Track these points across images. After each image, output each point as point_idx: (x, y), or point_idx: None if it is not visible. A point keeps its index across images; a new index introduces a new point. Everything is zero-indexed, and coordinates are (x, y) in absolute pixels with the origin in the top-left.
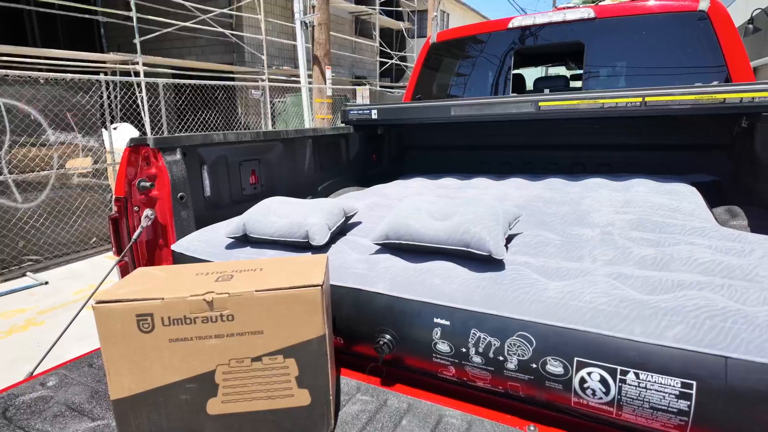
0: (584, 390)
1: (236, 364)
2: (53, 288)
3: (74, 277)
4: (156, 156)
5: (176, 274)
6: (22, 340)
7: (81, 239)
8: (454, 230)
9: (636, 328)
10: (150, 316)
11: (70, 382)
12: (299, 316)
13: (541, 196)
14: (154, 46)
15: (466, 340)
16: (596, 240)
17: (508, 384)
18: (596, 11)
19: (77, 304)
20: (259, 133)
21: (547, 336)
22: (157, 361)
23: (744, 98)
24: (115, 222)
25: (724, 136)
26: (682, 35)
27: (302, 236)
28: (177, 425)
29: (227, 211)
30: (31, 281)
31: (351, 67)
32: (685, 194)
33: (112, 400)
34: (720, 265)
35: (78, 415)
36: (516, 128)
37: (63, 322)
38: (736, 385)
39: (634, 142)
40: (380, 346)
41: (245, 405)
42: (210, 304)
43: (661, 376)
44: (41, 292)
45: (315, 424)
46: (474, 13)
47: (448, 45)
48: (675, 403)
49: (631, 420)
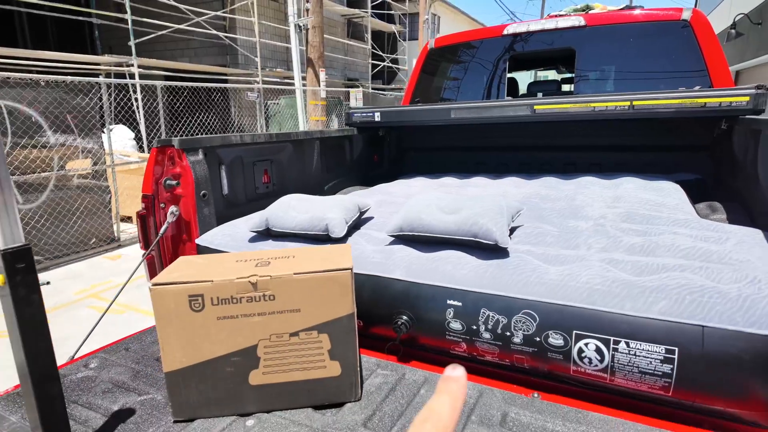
0: (582, 359)
1: (276, 338)
2: (54, 288)
3: (75, 278)
4: (180, 156)
5: (218, 260)
6: None
7: (81, 240)
8: (463, 222)
9: (626, 304)
10: (201, 297)
11: (112, 363)
12: (332, 296)
13: (538, 193)
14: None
15: (477, 318)
16: (590, 231)
17: (514, 357)
18: (586, 19)
19: (79, 303)
20: (272, 135)
21: (549, 313)
22: (206, 337)
23: (722, 102)
24: (143, 218)
25: (706, 137)
26: (667, 43)
27: (322, 230)
28: (222, 395)
29: (243, 208)
30: None
31: (343, 69)
32: (670, 191)
33: (165, 372)
34: (699, 250)
35: (125, 390)
36: (511, 130)
37: (66, 321)
38: (711, 349)
39: (623, 143)
40: (398, 326)
41: (283, 376)
42: (254, 286)
43: (648, 344)
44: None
45: (344, 393)
46: (464, 16)
47: (445, 50)
48: (660, 367)
49: (622, 384)
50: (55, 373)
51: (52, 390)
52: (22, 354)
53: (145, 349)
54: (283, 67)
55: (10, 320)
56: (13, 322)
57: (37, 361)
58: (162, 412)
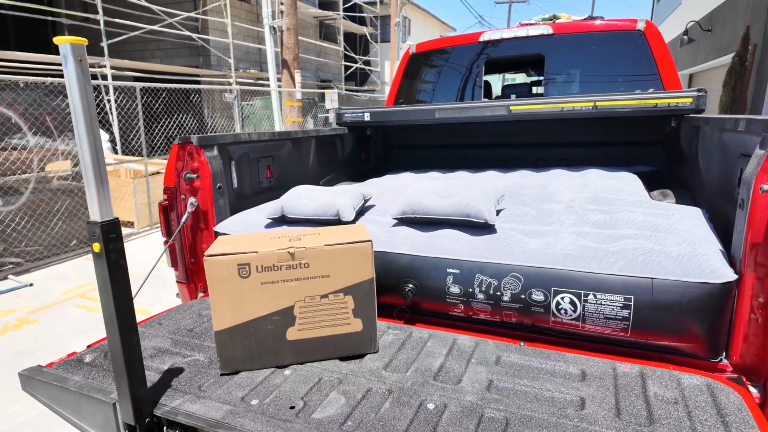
0: (559, 311)
1: (310, 300)
2: (39, 289)
3: (58, 279)
4: (198, 152)
5: (257, 237)
6: (20, 337)
7: (61, 242)
8: (457, 205)
9: (593, 265)
10: (248, 265)
11: (150, 335)
12: (356, 264)
13: (516, 183)
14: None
15: (473, 282)
16: (562, 211)
17: (503, 313)
18: (554, 28)
19: (67, 303)
20: (274, 134)
21: (532, 274)
22: (251, 300)
23: (670, 103)
24: (165, 209)
25: (660, 134)
26: (624, 50)
27: (333, 214)
28: (263, 349)
29: (250, 200)
30: (15, 283)
31: (316, 70)
32: (628, 179)
33: (215, 331)
34: (650, 224)
35: (170, 354)
36: (489, 129)
37: (56, 320)
38: (658, 297)
39: (588, 140)
40: (406, 293)
41: (315, 332)
42: (293, 255)
43: (610, 295)
44: (27, 294)
45: (365, 346)
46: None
47: (426, 55)
48: (620, 312)
49: (591, 330)
50: (134, 326)
51: (132, 339)
52: (112, 308)
53: (177, 323)
54: (257, 68)
55: (102, 281)
56: (105, 283)
57: (122, 314)
58: (208, 369)
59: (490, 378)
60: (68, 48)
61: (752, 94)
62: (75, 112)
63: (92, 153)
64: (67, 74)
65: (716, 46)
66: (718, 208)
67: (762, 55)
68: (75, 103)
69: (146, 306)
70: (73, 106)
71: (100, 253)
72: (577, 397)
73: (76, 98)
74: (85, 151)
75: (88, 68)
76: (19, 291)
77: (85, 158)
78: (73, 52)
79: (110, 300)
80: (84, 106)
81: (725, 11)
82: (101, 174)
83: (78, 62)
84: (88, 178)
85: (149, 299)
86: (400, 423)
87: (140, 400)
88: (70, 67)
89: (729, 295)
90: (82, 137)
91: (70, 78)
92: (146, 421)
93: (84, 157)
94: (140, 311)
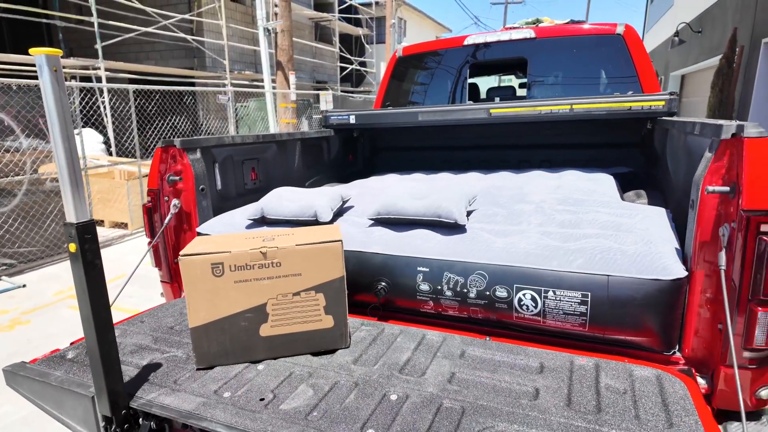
0: (521, 306)
1: (282, 297)
2: (31, 290)
3: (51, 280)
4: (182, 155)
5: (231, 238)
6: (13, 338)
7: (54, 243)
8: (429, 206)
9: (553, 262)
10: (221, 264)
11: (132, 332)
12: (327, 263)
13: (494, 185)
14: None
15: (441, 280)
16: (531, 211)
17: (470, 309)
18: (536, 32)
19: (59, 304)
20: (258, 136)
21: (496, 272)
22: (225, 298)
23: (644, 106)
24: (149, 210)
25: (637, 136)
26: (604, 53)
27: (311, 215)
28: (237, 345)
29: (233, 202)
30: (8, 284)
31: (312, 72)
32: (603, 180)
33: (190, 327)
34: (613, 224)
35: (149, 350)
36: (473, 131)
37: (48, 321)
38: (614, 293)
39: (569, 142)
40: (378, 290)
41: (287, 328)
42: (265, 255)
43: (569, 291)
44: (20, 295)
45: (336, 341)
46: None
47: (412, 58)
48: (578, 308)
49: (552, 325)
50: (110, 323)
51: (108, 336)
52: (88, 306)
53: (158, 321)
54: (251, 69)
55: (79, 279)
56: (81, 281)
57: (98, 312)
58: (185, 364)
59: (453, 371)
60: (43, 59)
61: (739, 95)
62: (51, 119)
63: (67, 157)
64: (42, 83)
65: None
66: (682, 208)
67: (749, 56)
68: (50, 110)
69: (136, 306)
70: (49, 113)
71: (76, 254)
72: (533, 388)
73: (52, 106)
74: (61, 156)
75: (63, 77)
76: (12, 292)
77: (60, 162)
78: (48, 62)
79: (86, 298)
80: (59, 114)
81: (715, 13)
82: (76, 177)
83: (53, 72)
84: (64, 181)
85: (139, 299)
86: (362, 412)
87: (117, 393)
88: (45, 77)
89: (680, 291)
90: (57, 143)
91: (46, 87)
92: (122, 413)
93: (60, 161)
94: (129, 311)
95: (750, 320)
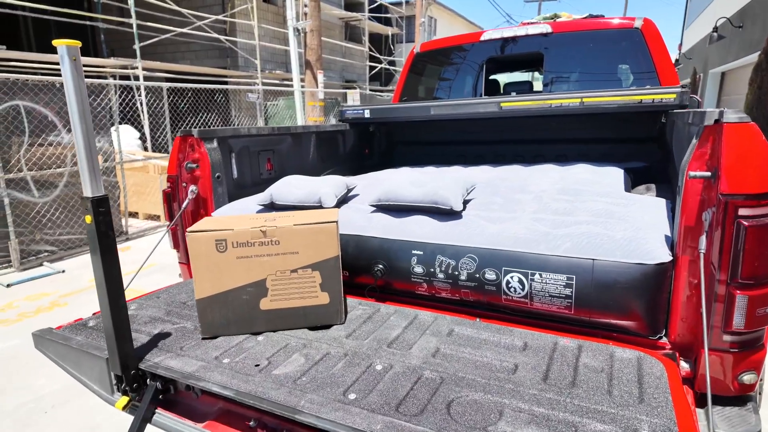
0: (509, 289)
1: (280, 273)
2: (70, 276)
3: (88, 267)
4: (199, 144)
5: (236, 218)
6: (51, 317)
7: None
8: (427, 193)
9: (541, 246)
10: (224, 241)
11: (148, 306)
12: (323, 242)
13: (499, 176)
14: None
15: (434, 263)
16: (530, 200)
17: (461, 291)
18: (552, 27)
19: (93, 290)
20: (274, 128)
21: (485, 256)
22: (227, 272)
23: (655, 99)
24: (168, 195)
25: (653, 130)
26: (622, 47)
27: (316, 201)
28: (239, 317)
29: (249, 190)
30: (49, 270)
31: (341, 71)
32: (609, 173)
33: (196, 299)
34: (607, 212)
35: (161, 321)
36: (488, 126)
37: (83, 304)
38: (598, 276)
39: (585, 137)
40: (376, 272)
41: (286, 303)
42: (265, 233)
43: (555, 275)
44: (60, 280)
45: (332, 317)
46: (462, 19)
47: (429, 54)
48: (564, 291)
49: (538, 307)
50: (122, 289)
51: (119, 301)
52: (101, 273)
53: (173, 297)
54: (282, 69)
55: (93, 248)
56: (96, 250)
57: (111, 279)
58: (192, 334)
59: (438, 347)
60: (64, 49)
61: None
62: (70, 103)
63: (84, 138)
64: (63, 72)
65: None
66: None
67: None
68: (70, 96)
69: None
70: (69, 98)
71: (91, 225)
72: (512, 364)
73: (71, 92)
74: (79, 137)
75: (81, 67)
76: (52, 277)
77: (78, 143)
78: (68, 52)
79: (100, 266)
80: (77, 99)
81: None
82: (92, 156)
83: (72, 61)
84: (81, 159)
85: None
86: (347, 379)
87: (127, 355)
88: (66, 65)
89: (665, 275)
90: (76, 125)
91: (66, 75)
92: (132, 373)
93: (78, 142)
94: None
95: (729, 304)
